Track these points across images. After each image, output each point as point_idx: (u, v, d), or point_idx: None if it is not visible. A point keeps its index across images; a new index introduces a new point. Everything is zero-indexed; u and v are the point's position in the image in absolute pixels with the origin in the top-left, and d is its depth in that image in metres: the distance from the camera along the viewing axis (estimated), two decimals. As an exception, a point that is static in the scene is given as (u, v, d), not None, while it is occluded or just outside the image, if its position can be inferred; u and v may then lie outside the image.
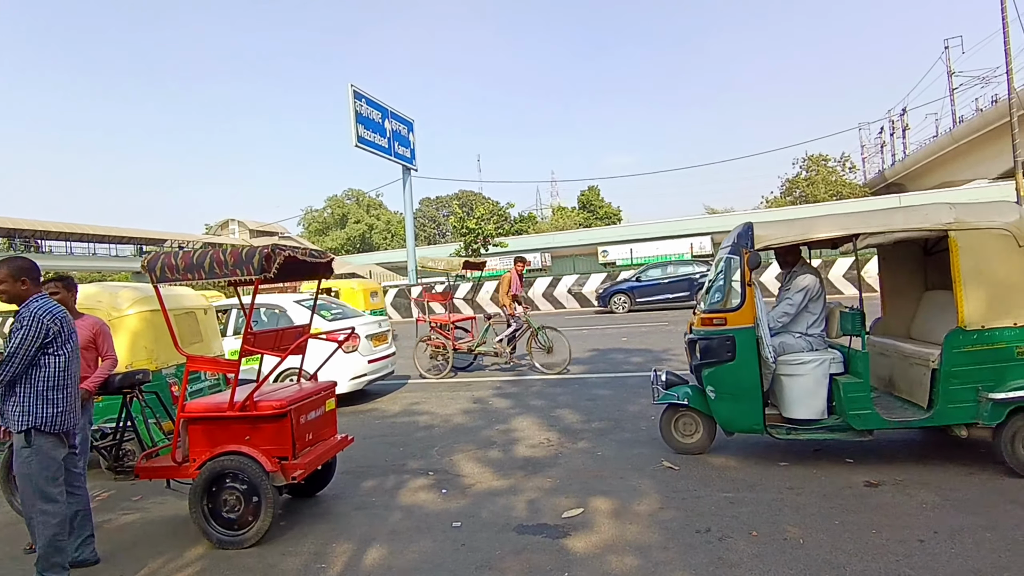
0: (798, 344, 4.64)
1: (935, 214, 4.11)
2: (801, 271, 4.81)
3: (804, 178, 55.23)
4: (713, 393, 4.55)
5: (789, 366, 4.51)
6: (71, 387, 3.23)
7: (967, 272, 3.98)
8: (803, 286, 4.70)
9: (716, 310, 4.56)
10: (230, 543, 3.62)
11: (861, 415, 4.16)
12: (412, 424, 6.47)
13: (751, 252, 4.34)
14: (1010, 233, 3.99)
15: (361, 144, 22.37)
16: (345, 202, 68.75)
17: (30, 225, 44.45)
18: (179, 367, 5.57)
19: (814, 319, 4.70)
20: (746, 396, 4.41)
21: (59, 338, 3.15)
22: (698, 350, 4.59)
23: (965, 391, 3.97)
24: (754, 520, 3.53)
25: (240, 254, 3.58)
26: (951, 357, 3.99)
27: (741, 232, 4.49)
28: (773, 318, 4.68)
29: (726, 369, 4.45)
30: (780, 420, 4.58)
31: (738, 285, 4.45)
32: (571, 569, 3.10)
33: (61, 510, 3.19)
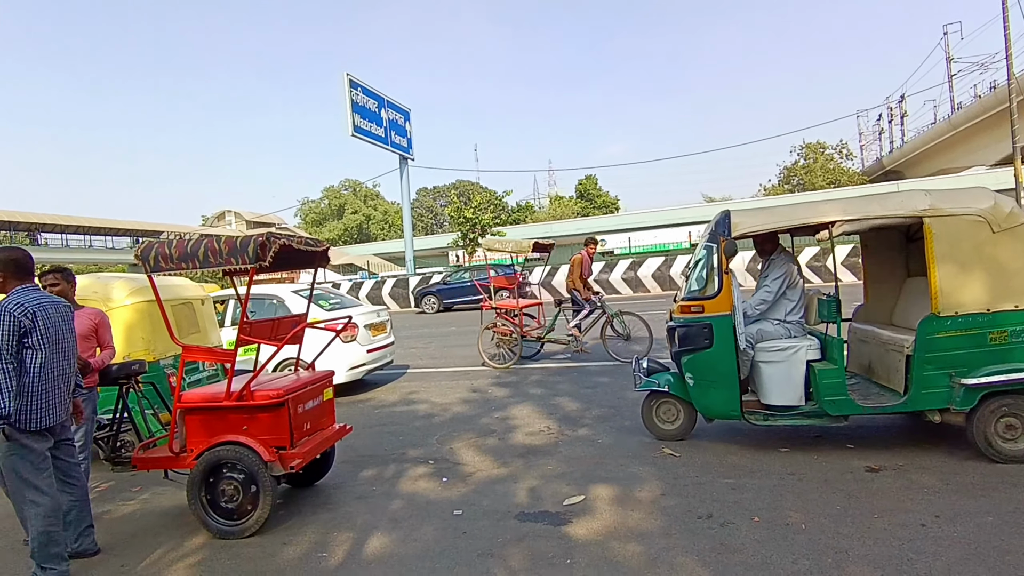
0: (776, 331, 4.66)
1: (910, 201, 4.13)
2: (779, 259, 4.84)
3: (802, 166, 55.16)
4: (692, 380, 4.59)
5: (767, 353, 4.56)
6: (50, 383, 3.16)
7: (941, 258, 4.00)
8: (780, 274, 4.74)
9: (694, 298, 4.61)
10: (229, 533, 3.60)
11: (835, 401, 4.20)
12: (411, 413, 6.46)
13: (727, 240, 4.36)
14: (984, 219, 3.99)
15: (357, 134, 22.23)
16: (342, 193, 68.50)
17: (25, 218, 44.23)
18: (176, 358, 5.54)
19: (792, 306, 4.73)
20: (723, 383, 4.45)
21: (34, 332, 3.08)
22: (677, 337, 4.64)
23: (938, 377, 4.00)
24: (756, 506, 3.52)
25: (235, 243, 3.53)
26: (924, 343, 4.02)
27: (719, 220, 4.52)
28: (751, 306, 4.73)
29: (704, 356, 4.48)
30: (759, 406, 4.63)
31: (716, 273, 4.47)
32: (573, 555, 3.09)
33: (50, 501, 3.14)
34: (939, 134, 44.45)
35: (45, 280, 4.07)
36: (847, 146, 56.35)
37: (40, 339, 3.10)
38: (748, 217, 4.45)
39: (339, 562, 3.23)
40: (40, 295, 3.22)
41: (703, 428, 5.05)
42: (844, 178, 50.84)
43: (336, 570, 3.14)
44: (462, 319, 17.56)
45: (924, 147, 46.90)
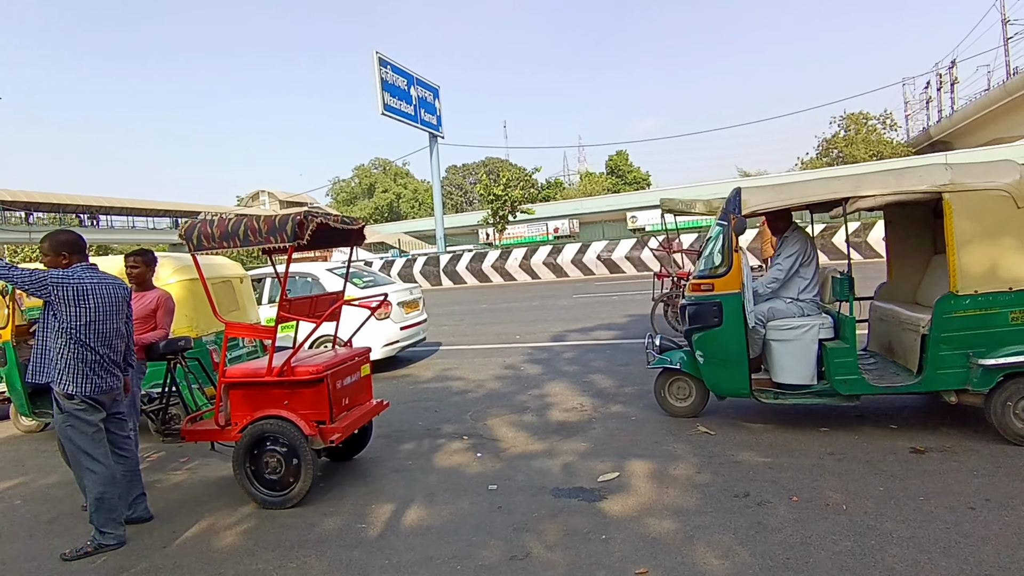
0: (788, 309, 4.60)
1: (929, 175, 3.98)
2: (792, 236, 4.76)
3: (843, 137, 53.16)
4: (702, 358, 4.58)
5: (778, 331, 4.51)
6: (101, 356, 3.32)
7: (961, 235, 3.87)
8: (793, 251, 4.67)
9: (705, 276, 4.58)
10: (273, 503, 3.72)
11: (847, 380, 4.15)
12: (445, 389, 6.54)
13: (737, 218, 4.31)
14: (1008, 194, 3.83)
15: (387, 112, 22.24)
16: (372, 171, 68.94)
17: (73, 200, 45.79)
18: (218, 334, 5.70)
19: (806, 284, 4.66)
20: (732, 360, 4.42)
21: (87, 305, 3.24)
22: (688, 315, 4.63)
23: (955, 357, 3.91)
24: (794, 485, 3.47)
25: (273, 222, 3.59)
26: (941, 322, 3.92)
27: (730, 198, 4.47)
28: (763, 284, 4.69)
29: (713, 334, 4.47)
30: (769, 384, 4.60)
31: (726, 251, 4.43)
32: (608, 532, 3.11)
33: (105, 471, 3.34)
34: (992, 101, 42.22)
35: (128, 262, 4.31)
36: (891, 116, 54.02)
37: (94, 313, 3.26)
38: (759, 195, 4.40)
39: (377, 533, 3.31)
40: (98, 273, 3.37)
41: (738, 407, 5.00)
42: (888, 150, 48.85)
43: (375, 540, 3.23)
44: (493, 296, 17.61)
45: (976, 116, 44.66)
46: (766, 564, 2.70)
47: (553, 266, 22.63)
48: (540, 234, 36.57)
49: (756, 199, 4.39)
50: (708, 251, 4.92)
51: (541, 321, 11.34)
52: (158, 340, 4.26)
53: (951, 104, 51.56)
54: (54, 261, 3.33)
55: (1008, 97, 40.04)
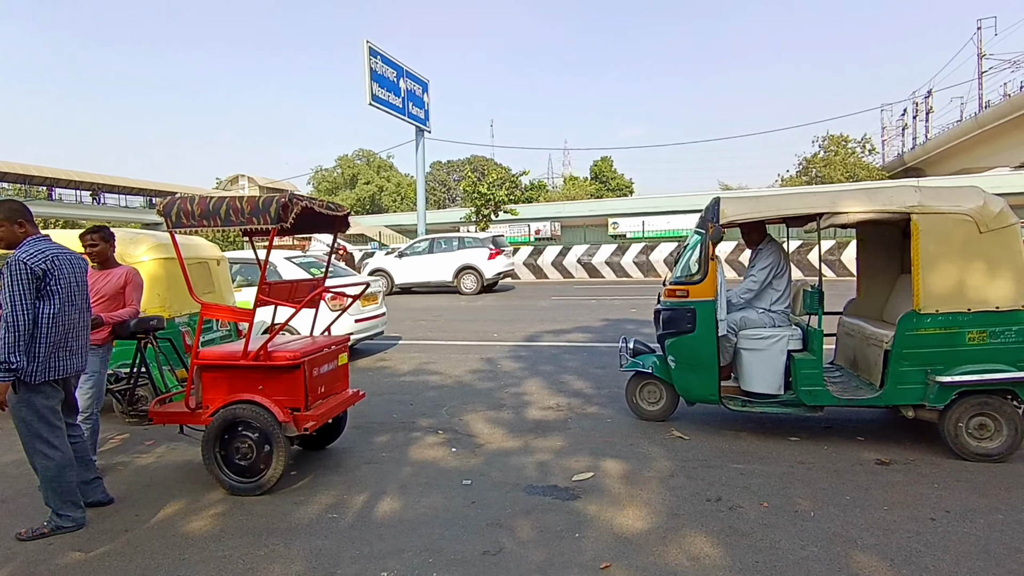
0: (760, 320, 4.71)
1: (899, 196, 4.13)
2: (767, 249, 4.87)
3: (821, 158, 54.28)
4: (674, 363, 4.66)
5: (749, 340, 4.62)
6: (62, 336, 3.17)
7: (926, 256, 4.00)
8: (767, 264, 4.79)
9: (680, 282, 4.67)
10: (242, 490, 3.65)
11: (812, 391, 4.27)
12: (422, 383, 6.50)
13: (715, 226, 4.40)
14: (972, 219, 3.98)
15: (375, 103, 22.02)
16: (356, 162, 68.17)
17: (40, 172, 44.43)
18: (191, 316, 5.58)
19: (778, 295, 4.78)
20: (703, 367, 4.51)
21: (49, 282, 3.08)
22: (662, 320, 4.72)
23: (914, 373, 4.04)
24: (765, 491, 3.53)
25: (257, 202, 3.52)
26: (903, 339, 4.05)
27: (709, 207, 4.58)
28: (736, 294, 4.81)
29: (686, 340, 4.55)
30: (737, 392, 4.71)
31: (702, 259, 4.52)
32: (581, 530, 3.12)
33: (62, 455, 3.18)
34: (964, 132, 43.51)
35: (85, 240, 4.12)
36: (870, 140, 55.34)
37: (54, 290, 3.11)
38: (736, 205, 4.50)
39: (350, 524, 3.27)
40: (54, 246, 3.22)
41: (710, 413, 5.07)
42: (863, 173, 50.00)
43: (346, 531, 3.19)
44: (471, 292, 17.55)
45: (948, 145, 45.98)
46: (736, 566, 2.73)
47: (533, 267, 22.67)
48: (522, 235, 36.58)
49: (734, 209, 4.47)
50: (685, 258, 4.99)
51: (519, 321, 11.34)
52: (129, 318, 4.14)
53: (925, 132, 53.03)
54: (9, 231, 3.15)
55: (979, 129, 41.31)
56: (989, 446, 3.89)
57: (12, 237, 3.16)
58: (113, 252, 4.22)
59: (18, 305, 2.95)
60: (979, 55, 47.52)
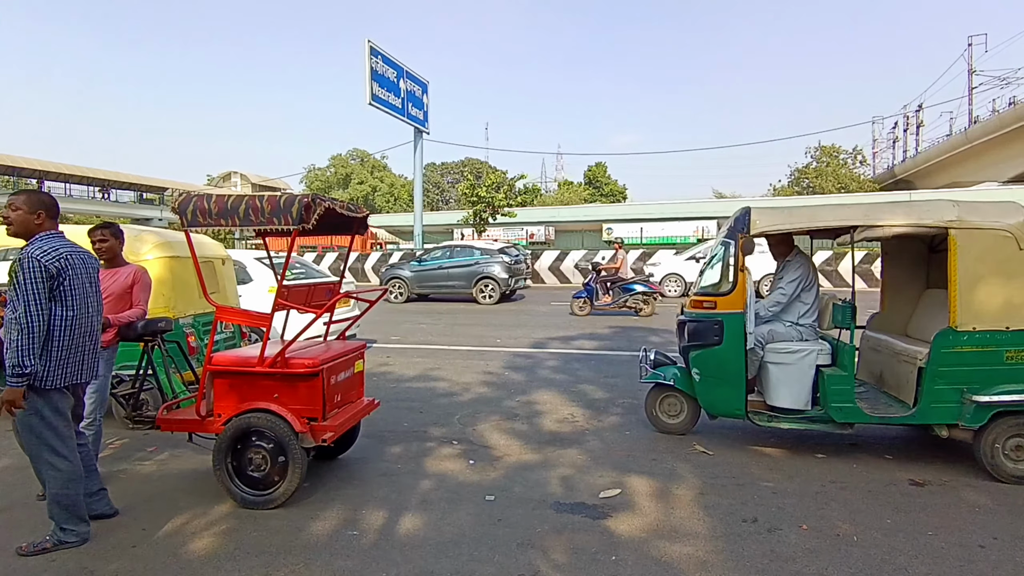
0: (788, 333, 4.60)
1: (937, 211, 4.02)
2: (795, 261, 4.77)
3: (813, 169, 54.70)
4: (698, 375, 4.53)
5: (777, 354, 4.50)
6: (77, 339, 2.99)
7: (964, 272, 3.89)
8: (796, 276, 4.68)
9: (707, 293, 4.56)
10: (254, 503, 3.47)
11: (842, 408, 4.15)
12: (430, 390, 6.33)
13: (746, 237, 4.29)
14: (1012, 235, 3.89)
15: (375, 103, 21.84)
16: (349, 162, 67.84)
17: (30, 164, 43.70)
18: (196, 317, 5.38)
19: (806, 309, 4.67)
20: (730, 381, 4.39)
21: (64, 282, 2.90)
22: (687, 332, 4.60)
23: (950, 392, 3.93)
24: (801, 513, 3.40)
25: (278, 202, 3.37)
26: (939, 356, 3.94)
27: (738, 217, 4.45)
28: (764, 307, 4.69)
29: (712, 353, 4.43)
30: (763, 407, 4.59)
31: (731, 270, 4.42)
32: (618, 553, 2.97)
33: (69, 466, 2.99)
34: (953, 147, 44.01)
35: (94, 236, 3.93)
36: (862, 152, 55.91)
37: (68, 291, 2.94)
38: (768, 216, 4.38)
39: (372, 542, 3.10)
40: (68, 243, 3.04)
41: (730, 428, 4.94)
42: (854, 184, 50.44)
43: (369, 550, 3.02)
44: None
45: (937, 159, 46.47)
46: (786, 596, 2.60)
47: (530, 271, 22.53)
48: (517, 239, 36.47)
49: (766, 220, 4.36)
50: (709, 269, 4.88)
51: (521, 326, 11.20)
52: (136, 319, 3.95)
53: (916, 145, 53.58)
54: (24, 218, 2.95)
55: (968, 144, 41.79)
56: (1027, 468, 3.79)
57: (26, 227, 2.97)
58: (122, 249, 4.04)
59: (32, 305, 2.77)
60: (969, 71, 48.11)
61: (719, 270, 4.67)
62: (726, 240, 4.54)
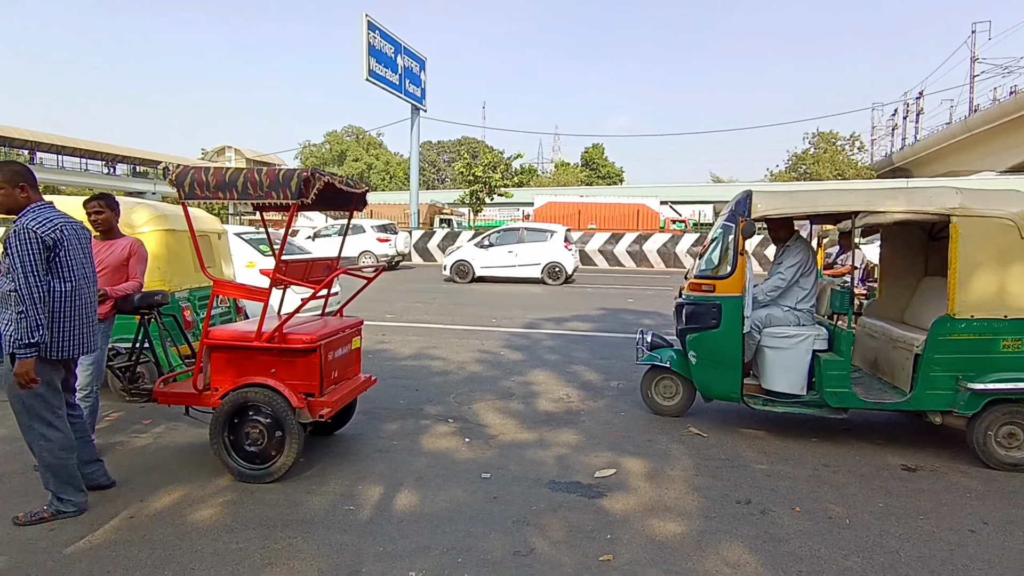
0: (785, 318, 4.62)
1: (940, 198, 4.02)
2: (795, 246, 4.77)
3: (811, 155, 54.56)
4: (695, 358, 4.56)
5: (773, 339, 4.52)
6: (77, 313, 2.97)
7: (964, 260, 3.90)
8: (795, 261, 4.68)
9: (706, 276, 4.56)
10: (251, 477, 3.48)
11: (838, 393, 4.18)
12: (425, 368, 6.33)
13: (746, 221, 4.28)
14: (1014, 224, 3.89)
15: (372, 78, 21.53)
16: (345, 139, 67.19)
17: (21, 135, 43.04)
18: (192, 291, 5.35)
19: (804, 294, 4.68)
20: (726, 364, 4.41)
21: (59, 252, 2.85)
22: (684, 315, 4.61)
23: (945, 379, 3.96)
24: (794, 495, 3.44)
25: (277, 176, 3.32)
26: (936, 344, 3.96)
27: (739, 200, 4.44)
28: (763, 291, 4.69)
29: (709, 336, 4.45)
30: (759, 391, 4.62)
31: (730, 253, 4.41)
32: (613, 531, 3.00)
33: (63, 437, 2.98)
34: (952, 135, 43.94)
35: (89, 207, 3.87)
36: (860, 138, 55.78)
37: (64, 263, 2.90)
38: (770, 200, 4.36)
39: (368, 517, 3.12)
40: (60, 214, 2.99)
41: (724, 411, 4.98)
42: (851, 171, 50.42)
43: (365, 525, 3.03)
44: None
45: (936, 147, 46.41)
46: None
47: (525, 252, 22.47)
48: (512, 219, 36.32)
49: (767, 204, 4.34)
50: (709, 252, 4.88)
51: (515, 307, 11.20)
52: (133, 292, 3.91)
53: (915, 133, 53.44)
54: (10, 194, 2.88)
55: (967, 132, 41.74)
56: (1018, 455, 3.84)
57: (13, 202, 2.91)
58: (117, 221, 3.99)
59: (31, 277, 2.73)
60: (972, 59, 47.85)
61: (717, 253, 4.68)
62: (726, 223, 4.53)
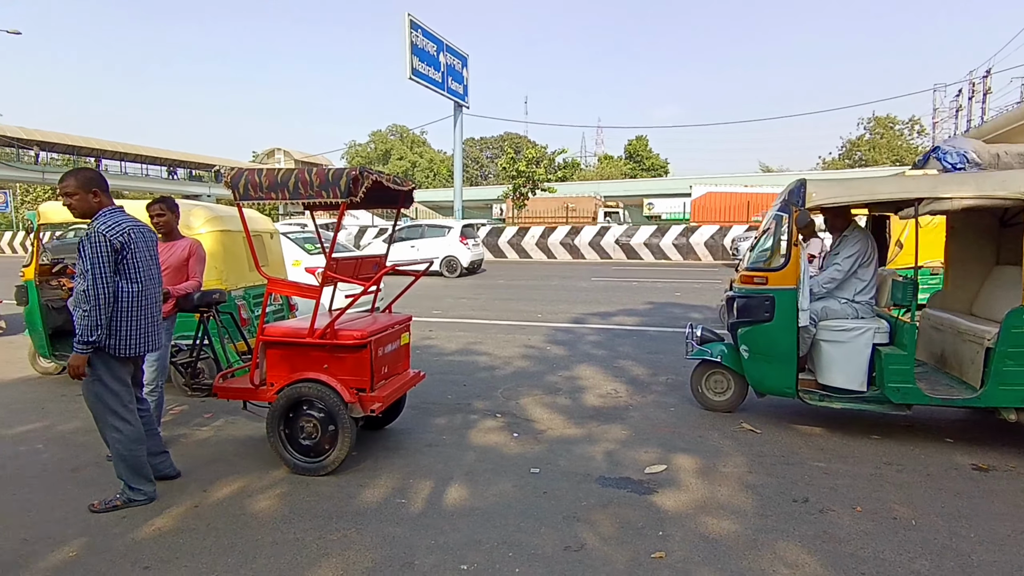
0: (843, 310, 4.43)
1: (1013, 181, 3.76)
2: (853, 235, 4.55)
3: (867, 140, 52.30)
4: (747, 352, 4.42)
5: (831, 332, 4.34)
6: (144, 313, 3.12)
7: None
8: (854, 252, 4.47)
9: (758, 268, 4.42)
10: (306, 470, 3.58)
11: (901, 389, 3.98)
12: (472, 364, 6.38)
13: (801, 211, 4.10)
14: None
15: (415, 77, 21.77)
16: (389, 138, 68.29)
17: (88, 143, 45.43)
18: (247, 290, 5.54)
19: (863, 286, 4.47)
20: (780, 358, 4.27)
21: (127, 256, 3.00)
22: (735, 308, 4.48)
23: (1020, 374, 3.72)
24: (855, 494, 3.31)
25: (326, 175, 3.39)
26: (1009, 336, 3.73)
27: (793, 189, 4.25)
28: (819, 283, 4.50)
29: (762, 329, 4.31)
30: (815, 386, 4.45)
31: (784, 244, 4.25)
32: (665, 528, 2.95)
33: (133, 430, 3.15)
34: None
35: (152, 210, 4.07)
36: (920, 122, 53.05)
37: (131, 264, 3.05)
38: (825, 188, 4.17)
39: (420, 510, 3.16)
40: (129, 218, 3.14)
41: (777, 406, 4.83)
42: (911, 157, 48.04)
43: (417, 518, 3.08)
44: (509, 272, 17.42)
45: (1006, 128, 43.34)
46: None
47: (570, 247, 22.40)
48: (556, 214, 36.16)
49: (822, 192, 4.17)
50: (761, 243, 4.74)
51: (561, 302, 11.16)
52: (192, 291, 4.09)
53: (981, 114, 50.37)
54: (83, 199, 3.05)
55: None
56: (1103, 455, 3.59)
57: (86, 206, 3.07)
58: (177, 223, 4.16)
59: (99, 279, 2.89)
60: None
61: (770, 244, 4.54)
62: (779, 213, 4.39)
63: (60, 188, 3.10)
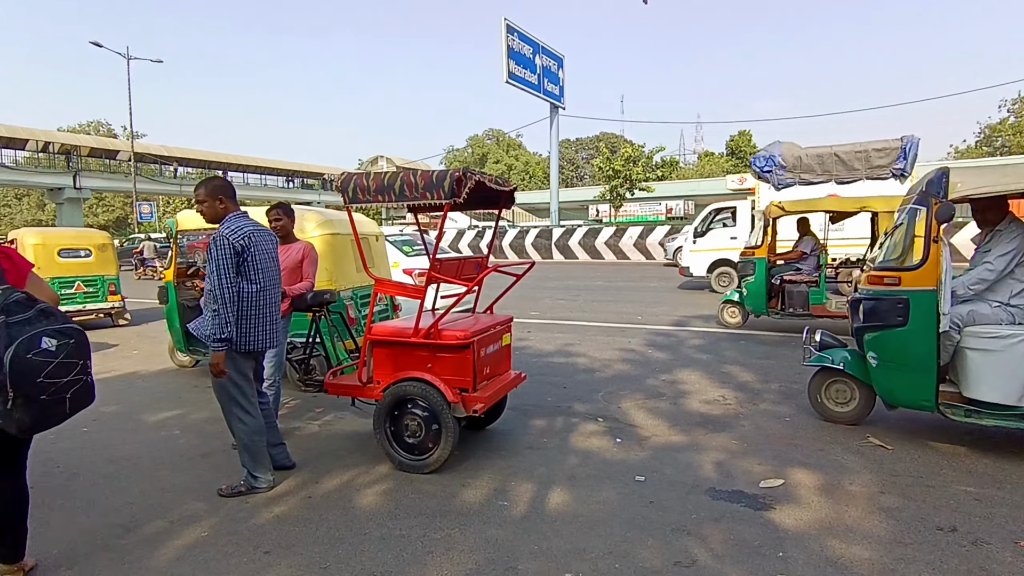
0: (995, 315, 3.86)
1: None
2: (1008, 230, 3.96)
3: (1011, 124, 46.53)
4: (875, 360, 3.99)
5: (979, 339, 3.78)
6: (265, 311, 3.32)
7: None
8: (1010, 249, 3.87)
9: (890, 268, 3.95)
10: (410, 467, 3.65)
11: None
12: (571, 365, 6.30)
13: (942, 203, 3.62)
14: None
15: (512, 80, 22.03)
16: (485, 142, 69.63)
17: (215, 157, 50.08)
18: (354, 290, 5.79)
19: (1021, 287, 3.88)
20: (916, 367, 3.80)
21: (248, 258, 3.20)
22: (862, 311, 4.04)
23: None
24: (1016, 526, 2.89)
25: (431, 177, 3.44)
26: None
27: (932, 179, 3.77)
28: (965, 284, 3.95)
29: (894, 335, 3.86)
30: (959, 399, 3.90)
31: (921, 241, 3.77)
32: (785, 549, 2.72)
33: (255, 421, 3.36)
34: None
35: (270, 215, 4.36)
36: (1079, 100, 46.48)
37: (252, 265, 3.25)
38: (972, 177, 3.68)
39: (522, 514, 3.13)
40: (252, 223, 3.35)
41: (915, 420, 4.35)
42: (1068, 140, 42.21)
43: (519, 522, 3.04)
44: (607, 273, 17.15)
45: None
46: (1002, 622, 2.21)
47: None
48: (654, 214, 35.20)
49: (969, 182, 3.68)
50: (893, 239, 4.29)
51: (661, 303, 10.81)
52: (306, 291, 4.32)
53: None
54: (212, 206, 3.31)
55: None
56: None
57: (214, 212, 3.32)
58: (293, 227, 4.41)
59: (224, 279, 3.11)
60: None
61: (902, 241, 4.09)
62: (915, 206, 3.94)
63: (194, 196, 3.39)
